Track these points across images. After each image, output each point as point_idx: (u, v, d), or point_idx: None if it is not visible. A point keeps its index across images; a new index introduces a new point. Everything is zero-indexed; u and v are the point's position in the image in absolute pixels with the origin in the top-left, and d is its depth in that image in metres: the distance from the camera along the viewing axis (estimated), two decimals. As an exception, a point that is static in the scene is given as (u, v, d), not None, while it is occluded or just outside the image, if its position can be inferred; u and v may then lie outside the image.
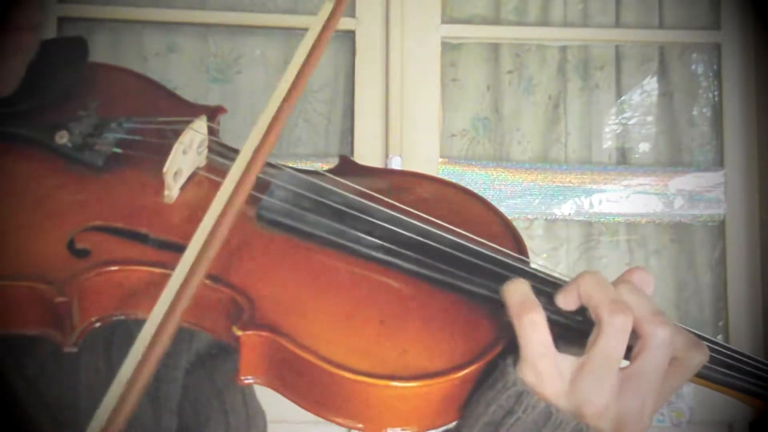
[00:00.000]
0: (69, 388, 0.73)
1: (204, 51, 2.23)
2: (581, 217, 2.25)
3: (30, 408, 0.71)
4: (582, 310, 0.63)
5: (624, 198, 2.25)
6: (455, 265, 0.65)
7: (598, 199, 2.25)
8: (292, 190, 0.71)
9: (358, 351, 0.60)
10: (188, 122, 0.72)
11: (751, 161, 2.27)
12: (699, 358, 0.62)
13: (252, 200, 0.69)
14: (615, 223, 2.28)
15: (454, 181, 0.80)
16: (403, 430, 0.61)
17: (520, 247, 0.70)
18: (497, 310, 0.64)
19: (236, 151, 0.75)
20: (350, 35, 2.24)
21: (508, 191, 2.23)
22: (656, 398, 0.61)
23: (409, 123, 2.19)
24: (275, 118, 0.64)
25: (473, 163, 2.25)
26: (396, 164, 2.14)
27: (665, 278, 2.30)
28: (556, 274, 0.66)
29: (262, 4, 2.26)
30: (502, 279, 0.64)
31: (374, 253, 0.66)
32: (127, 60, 2.21)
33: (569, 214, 2.24)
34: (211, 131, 0.75)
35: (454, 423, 0.64)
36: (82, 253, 0.65)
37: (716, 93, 2.32)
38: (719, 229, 2.27)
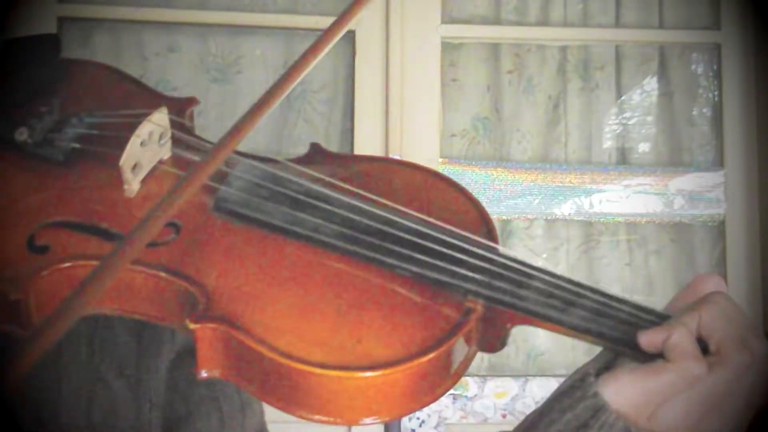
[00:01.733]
0: (50, 384, 0.73)
1: (204, 51, 2.23)
2: (581, 217, 2.25)
3: (10, 403, 0.70)
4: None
5: (624, 198, 2.25)
6: (417, 251, 0.64)
7: (598, 199, 2.25)
8: (249, 180, 0.70)
9: (312, 342, 0.60)
10: (149, 113, 0.71)
11: (751, 161, 2.27)
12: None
13: (210, 191, 0.68)
14: (615, 223, 2.28)
15: (435, 170, 0.78)
16: (375, 419, 0.60)
17: (490, 233, 0.69)
18: (459, 295, 0.63)
19: (207, 143, 0.75)
20: (350, 35, 2.23)
21: (508, 191, 2.23)
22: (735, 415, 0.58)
23: (409, 123, 2.19)
24: (249, 119, 0.63)
25: (473, 163, 2.25)
26: (396, 164, 2.13)
27: (665, 278, 2.30)
28: (523, 260, 0.64)
29: (262, 4, 2.26)
30: (466, 265, 0.63)
31: (333, 241, 0.65)
32: (127, 60, 2.21)
33: (569, 214, 2.24)
34: (180, 124, 0.74)
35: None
36: (41, 250, 0.65)
37: (716, 93, 2.32)
38: (719, 229, 2.27)
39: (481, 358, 2.27)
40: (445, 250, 0.64)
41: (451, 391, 2.14)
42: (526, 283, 0.62)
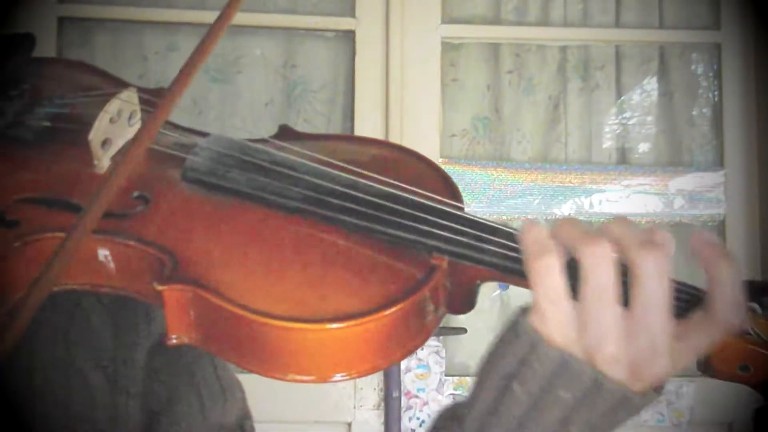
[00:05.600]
0: (24, 375, 0.73)
1: (204, 51, 2.23)
2: (581, 217, 2.25)
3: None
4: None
5: (624, 198, 2.25)
6: (381, 211, 0.65)
7: (598, 199, 2.25)
8: (216, 150, 0.71)
9: (278, 298, 0.61)
10: (118, 93, 0.72)
11: (751, 161, 2.27)
12: (736, 320, 0.57)
13: (176, 162, 0.70)
14: (615, 223, 2.28)
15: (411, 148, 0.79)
16: (345, 375, 0.61)
17: (455, 195, 0.70)
18: (425, 253, 0.64)
19: (178, 128, 0.77)
20: (350, 35, 2.24)
21: (508, 191, 2.23)
22: (674, 336, 0.57)
23: (409, 123, 2.19)
24: (179, 80, 0.64)
25: (473, 163, 2.25)
26: (396, 164, 2.14)
27: (665, 278, 2.30)
28: (486, 219, 0.65)
29: (262, 4, 2.26)
30: (429, 223, 0.64)
31: (298, 204, 0.67)
32: (127, 60, 2.21)
33: (569, 214, 2.24)
34: (150, 102, 0.75)
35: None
36: (12, 224, 0.65)
37: (716, 93, 2.32)
38: (719, 229, 2.27)
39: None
40: (408, 209, 0.65)
41: (451, 391, 2.14)
42: (489, 238, 0.63)
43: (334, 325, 0.59)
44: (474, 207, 2.22)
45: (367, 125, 2.19)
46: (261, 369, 0.61)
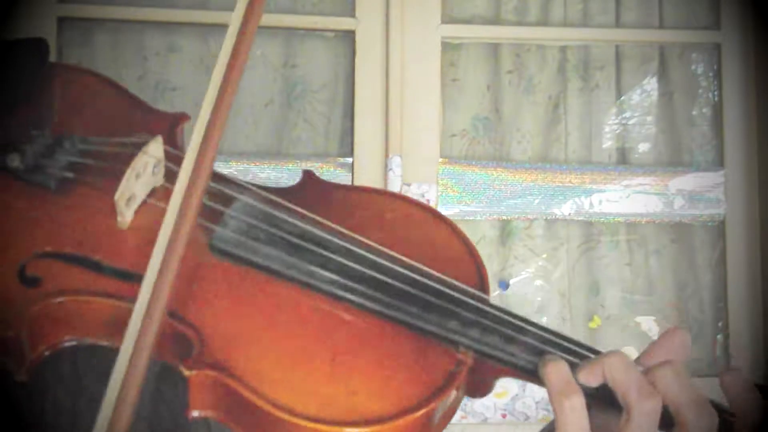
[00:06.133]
0: (34, 397, 0.73)
1: (204, 51, 2.23)
2: (581, 217, 2.25)
3: None
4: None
5: (624, 198, 2.25)
6: (409, 301, 0.64)
7: (598, 199, 2.25)
8: (245, 221, 0.69)
9: (306, 392, 0.60)
10: (144, 143, 0.70)
11: (751, 161, 2.27)
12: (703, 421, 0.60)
13: (205, 231, 0.68)
14: (615, 223, 2.28)
15: (424, 203, 0.78)
16: None
17: (481, 277, 0.69)
18: (448, 349, 0.63)
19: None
20: (350, 35, 2.24)
21: (508, 191, 2.23)
22: None
23: (409, 123, 2.19)
24: (210, 127, 0.63)
25: (473, 163, 2.25)
26: (396, 164, 2.14)
27: (665, 278, 2.30)
28: (515, 314, 0.65)
29: (262, 4, 2.26)
30: (459, 317, 0.63)
31: (328, 288, 0.66)
32: (127, 60, 2.21)
33: (569, 214, 2.24)
34: (175, 157, 0.73)
35: None
36: (33, 282, 0.64)
37: (716, 93, 2.32)
38: (719, 229, 2.27)
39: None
40: (439, 301, 0.65)
41: (451, 391, 2.14)
42: (517, 339, 0.63)
43: (361, 429, 0.58)
44: (474, 207, 2.22)
45: (367, 125, 2.19)
46: None
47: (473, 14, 2.32)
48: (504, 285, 2.26)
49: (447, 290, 0.65)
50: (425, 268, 0.67)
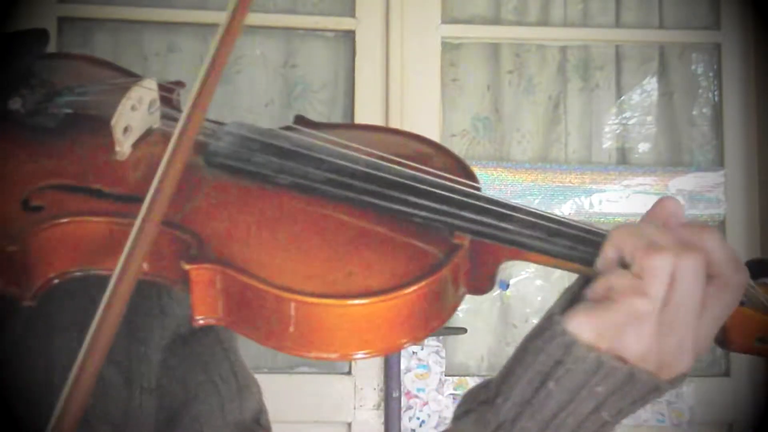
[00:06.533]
0: (42, 369, 0.73)
1: (204, 51, 2.23)
2: (581, 217, 2.25)
3: (2, 389, 0.71)
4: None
5: (624, 198, 2.25)
6: (404, 191, 0.67)
7: (598, 199, 2.25)
8: (239, 135, 0.72)
9: (306, 275, 0.62)
10: (137, 81, 0.73)
11: (751, 161, 2.27)
12: (739, 276, 0.60)
13: (201, 147, 0.71)
14: (615, 223, 2.28)
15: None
16: (368, 352, 0.62)
17: (469, 176, 0.71)
18: (446, 232, 0.65)
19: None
20: (350, 35, 2.24)
21: (508, 191, 2.23)
22: (699, 329, 0.60)
23: (409, 123, 2.19)
24: (208, 73, 0.65)
25: (473, 163, 2.24)
26: (396, 164, 2.14)
27: (665, 278, 2.30)
28: (503, 199, 0.67)
29: (262, 4, 2.26)
30: (452, 202, 0.66)
31: (322, 187, 0.68)
32: (127, 60, 2.21)
33: (569, 214, 2.24)
34: (169, 100, 0.77)
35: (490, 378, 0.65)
36: (36, 209, 0.66)
37: (716, 93, 2.32)
38: (719, 229, 2.27)
39: (481, 358, 2.27)
40: (430, 188, 0.67)
41: (452, 391, 2.14)
42: (510, 216, 0.65)
43: (360, 301, 0.60)
44: (474, 207, 2.22)
45: (367, 125, 2.19)
46: (285, 347, 0.62)
47: (473, 14, 2.32)
48: (504, 285, 2.26)
49: (436, 179, 0.68)
50: (413, 164, 0.69)
